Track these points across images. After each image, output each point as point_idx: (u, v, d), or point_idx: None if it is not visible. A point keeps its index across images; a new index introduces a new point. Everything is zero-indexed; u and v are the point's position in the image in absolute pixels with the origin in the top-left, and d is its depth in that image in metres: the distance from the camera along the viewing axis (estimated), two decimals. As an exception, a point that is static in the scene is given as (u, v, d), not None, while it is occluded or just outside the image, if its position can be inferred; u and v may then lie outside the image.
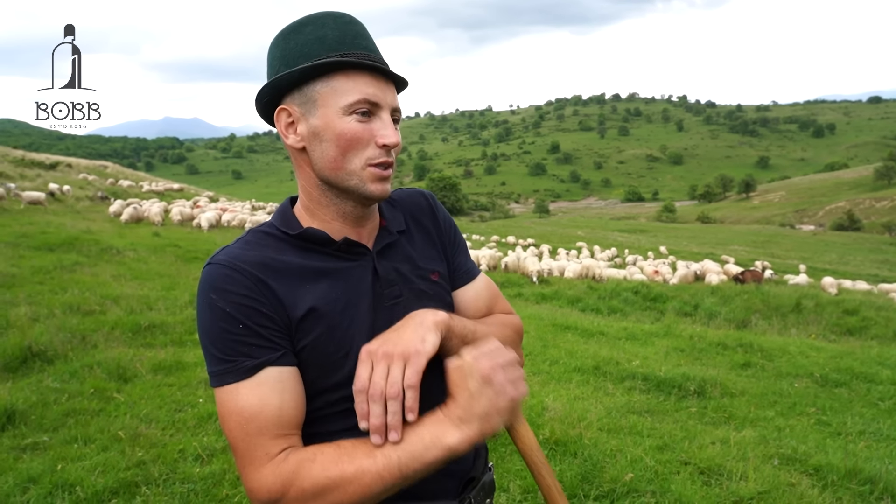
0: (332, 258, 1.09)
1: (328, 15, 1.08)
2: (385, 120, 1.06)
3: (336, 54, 1.04)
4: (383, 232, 1.18)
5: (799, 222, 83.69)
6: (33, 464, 3.36)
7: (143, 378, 4.82)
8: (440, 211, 1.31)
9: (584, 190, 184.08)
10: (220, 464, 3.44)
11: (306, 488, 0.92)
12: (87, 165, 46.72)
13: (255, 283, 1.00)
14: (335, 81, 1.04)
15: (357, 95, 1.03)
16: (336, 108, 1.04)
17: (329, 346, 1.03)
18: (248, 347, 0.98)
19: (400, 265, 1.16)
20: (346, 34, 1.06)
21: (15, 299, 6.83)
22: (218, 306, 0.98)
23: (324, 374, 1.03)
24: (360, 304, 1.07)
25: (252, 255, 1.04)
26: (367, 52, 1.06)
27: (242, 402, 0.96)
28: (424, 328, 0.99)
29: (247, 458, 0.96)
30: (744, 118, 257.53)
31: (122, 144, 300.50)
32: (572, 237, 43.64)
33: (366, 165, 1.06)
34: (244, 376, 0.97)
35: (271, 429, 0.96)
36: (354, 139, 1.04)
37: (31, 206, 18.05)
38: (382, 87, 1.06)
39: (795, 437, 4.30)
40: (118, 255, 11.18)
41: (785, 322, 11.53)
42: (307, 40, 1.05)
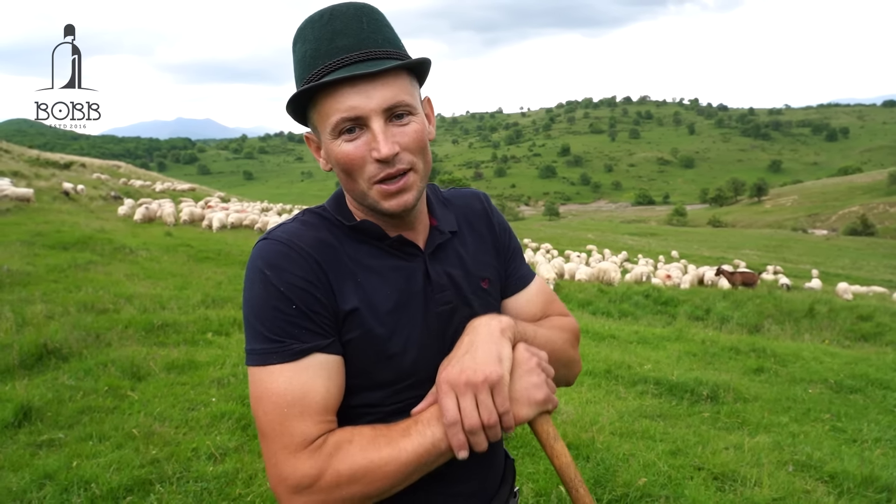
0: (384, 254, 1.06)
1: (308, 22, 1.00)
2: (375, 130, 0.96)
3: (311, 74, 0.97)
4: (434, 232, 1.13)
5: (811, 227, 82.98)
6: (49, 460, 3.39)
7: (157, 376, 4.85)
8: (495, 214, 1.25)
9: (595, 193, 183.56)
10: (233, 463, 3.46)
11: (342, 472, 0.90)
12: (100, 165, 47.22)
13: (312, 266, 0.97)
14: (319, 105, 0.98)
15: (335, 116, 0.96)
16: (326, 134, 0.99)
17: (374, 346, 1.00)
18: (298, 330, 0.94)
19: (451, 269, 1.11)
20: (321, 41, 0.97)
21: (31, 297, 6.89)
22: (272, 283, 0.95)
23: (365, 374, 1.01)
24: (409, 307, 1.04)
25: (311, 237, 1.00)
26: (347, 52, 0.96)
27: (284, 385, 0.93)
28: (497, 344, 0.97)
29: (280, 442, 0.92)
30: (756, 121, 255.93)
31: (135, 145, 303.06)
32: (582, 240, 43.48)
33: (371, 185, 0.99)
34: (290, 359, 0.94)
35: (312, 415, 0.93)
36: (348, 162, 0.98)
37: (19, 202, 17.54)
38: (367, 91, 0.95)
39: (810, 444, 4.26)
40: (131, 255, 11.26)
41: (798, 327, 11.43)
42: (297, 62, 1.01)
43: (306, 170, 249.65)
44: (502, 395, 0.92)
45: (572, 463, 1.00)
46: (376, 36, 0.98)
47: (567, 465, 1.00)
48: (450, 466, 1.02)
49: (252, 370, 0.96)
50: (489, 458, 1.15)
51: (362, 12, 0.99)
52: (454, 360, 0.96)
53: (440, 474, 1.02)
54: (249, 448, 3.67)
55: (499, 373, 0.93)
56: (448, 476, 1.06)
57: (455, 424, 0.91)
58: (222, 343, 5.97)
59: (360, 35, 0.97)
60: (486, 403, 0.91)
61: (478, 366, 0.93)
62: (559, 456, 1.00)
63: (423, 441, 0.92)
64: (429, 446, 0.92)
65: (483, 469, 1.14)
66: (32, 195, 18.43)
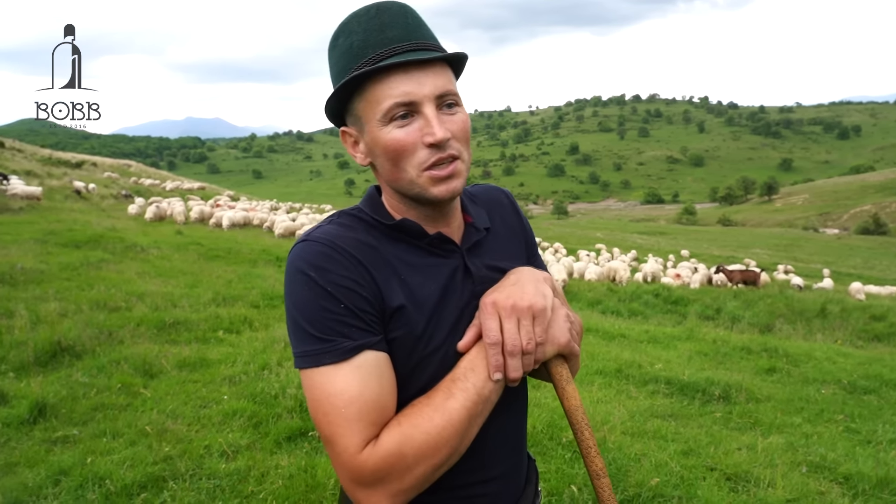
0: (423, 252, 1.06)
1: (354, 16, 1.02)
2: (428, 115, 0.98)
3: (362, 62, 0.98)
4: (470, 229, 1.14)
5: (823, 226, 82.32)
6: (64, 456, 3.42)
7: (169, 374, 4.88)
8: (519, 209, 1.28)
9: (604, 191, 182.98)
10: (245, 460, 3.47)
11: (408, 455, 0.92)
12: (111, 164, 47.57)
13: (356, 266, 0.98)
14: (368, 93, 0.99)
15: (388, 101, 0.97)
16: (375, 122, 1.00)
17: (418, 343, 1.00)
18: (347, 328, 0.95)
19: (490, 262, 1.13)
20: (370, 33, 0.99)
21: (44, 295, 6.95)
22: (318, 284, 0.95)
23: (408, 370, 1.01)
24: (449, 303, 1.04)
25: (350, 237, 1.01)
26: (398, 42, 0.98)
27: (341, 384, 0.93)
28: (542, 284, 1.04)
29: (343, 443, 0.92)
30: (767, 119, 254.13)
31: (146, 144, 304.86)
32: (591, 239, 43.38)
33: (420, 171, 1.00)
34: (343, 358, 0.94)
35: (371, 413, 0.93)
36: (400, 149, 0.99)
37: (30, 200, 17.61)
38: (418, 78, 0.98)
39: (824, 445, 4.23)
40: (142, 253, 11.34)
41: (810, 327, 11.34)
42: (340, 55, 1.02)
43: (315, 168, 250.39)
44: (542, 326, 0.98)
45: (581, 406, 1.04)
46: (421, 30, 1.02)
47: (576, 408, 1.03)
48: (483, 449, 1.04)
49: (305, 373, 0.96)
50: (514, 444, 1.15)
51: (406, 9, 1.03)
52: (501, 288, 1.02)
53: (474, 459, 1.04)
54: (261, 446, 3.68)
55: (543, 304, 0.99)
56: (483, 459, 1.07)
57: (496, 345, 0.96)
58: (233, 341, 5.99)
59: (407, 28, 1.00)
60: (527, 329, 0.97)
61: (525, 294, 0.99)
62: (569, 398, 1.04)
63: (468, 395, 0.95)
64: (474, 397, 0.96)
65: (514, 455, 1.15)
66: (41, 193, 18.57)
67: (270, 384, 4.57)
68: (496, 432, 1.08)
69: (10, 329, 5.55)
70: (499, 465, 1.10)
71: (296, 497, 3.13)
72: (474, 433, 0.98)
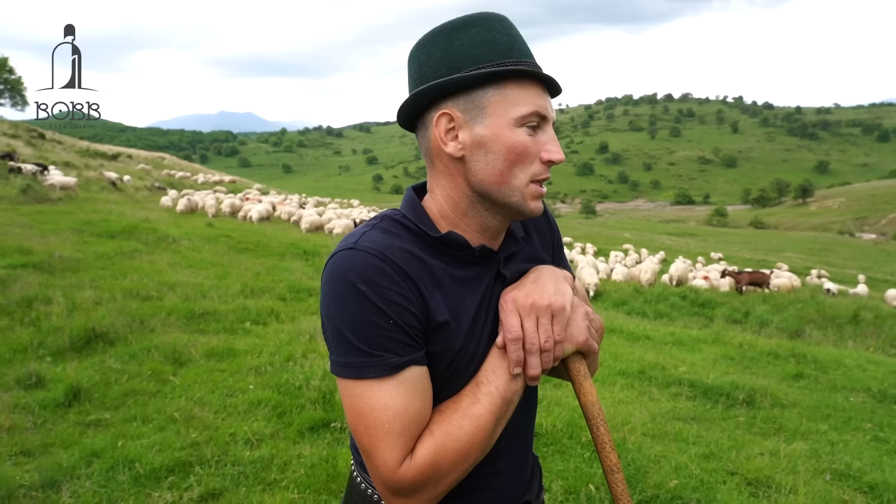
0: (463, 263, 1.06)
1: (493, 17, 1.03)
2: (550, 134, 1.03)
3: (510, 61, 0.99)
4: (510, 238, 1.15)
5: (859, 230, 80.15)
6: (96, 439, 3.55)
7: (197, 363, 5.00)
8: (548, 212, 1.28)
9: (633, 191, 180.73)
10: (269, 449, 3.56)
11: (442, 464, 0.95)
12: (146, 157, 48.57)
13: (405, 280, 0.97)
14: (508, 90, 1.00)
15: (530, 107, 1.00)
16: (507, 119, 1.00)
17: (456, 356, 1.02)
18: (395, 344, 0.95)
19: (522, 265, 1.14)
20: (514, 40, 1.02)
21: (80, 283, 7.17)
22: (369, 299, 0.94)
23: (444, 380, 1.02)
24: (484, 314, 1.06)
25: (399, 248, 1.00)
26: (529, 58, 1.02)
27: (386, 399, 0.94)
28: (561, 282, 1.06)
29: (383, 458, 0.94)
30: (803, 121, 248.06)
31: (179, 137, 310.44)
32: (619, 239, 42.93)
33: (530, 181, 1.02)
34: (389, 373, 0.95)
35: (412, 429, 0.95)
36: (524, 153, 1.00)
37: (67, 191, 18.09)
38: (545, 98, 1.03)
39: (850, 453, 4.16)
40: (174, 244, 11.58)
41: (841, 334, 11.10)
42: (475, 42, 1.00)
43: (343, 164, 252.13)
44: (561, 324, 1.01)
45: (598, 402, 1.06)
46: None
47: (592, 403, 1.05)
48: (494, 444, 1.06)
49: (346, 382, 0.97)
50: (522, 439, 1.18)
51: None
52: (521, 286, 1.05)
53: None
54: (285, 435, 3.76)
55: (562, 303, 1.01)
56: (492, 454, 1.08)
57: (517, 341, 0.99)
58: (260, 332, 6.11)
59: (529, 52, 1.05)
60: (546, 327, 1.00)
61: (544, 293, 1.02)
62: (586, 393, 1.06)
63: (493, 399, 0.99)
64: (499, 401, 0.99)
65: (520, 450, 1.17)
66: (75, 184, 19.10)
67: (295, 375, 4.66)
68: (506, 428, 1.09)
69: (48, 315, 5.74)
70: (506, 459, 1.13)
71: (317, 486, 3.20)
72: (499, 433, 1.01)
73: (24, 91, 35.02)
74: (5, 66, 38.07)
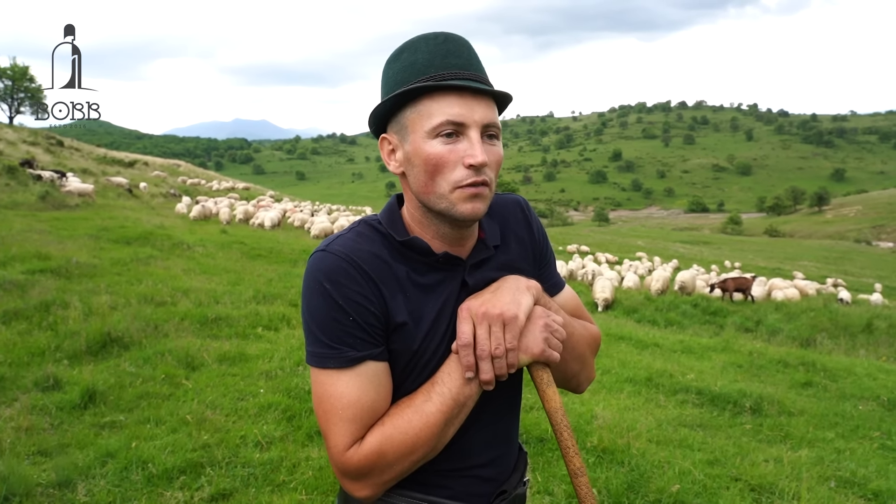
0: (429, 269, 1.14)
1: (423, 38, 1.10)
2: (473, 139, 1.05)
3: (422, 78, 1.06)
4: (480, 245, 1.20)
5: (876, 239, 79.14)
6: (111, 440, 3.65)
7: (209, 367, 5.10)
8: (534, 221, 1.32)
9: (646, 199, 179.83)
10: (279, 451, 3.63)
11: (388, 454, 1.04)
12: (161, 164, 49.16)
13: (367, 282, 1.07)
14: (422, 106, 1.06)
15: (440, 118, 1.04)
16: (422, 133, 1.06)
17: (414, 356, 1.11)
18: (353, 339, 1.05)
19: (491, 274, 1.18)
20: (435, 55, 1.07)
21: (97, 288, 7.31)
22: (331, 297, 1.05)
23: (403, 377, 1.12)
24: (446, 317, 1.13)
25: (366, 252, 1.09)
26: (458, 69, 1.07)
27: (342, 388, 1.05)
28: (520, 292, 1.09)
29: (334, 440, 1.05)
30: (819, 128, 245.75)
31: (195, 144, 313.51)
32: (632, 247, 42.74)
33: (453, 188, 1.06)
34: (346, 365, 1.05)
35: (363, 418, 1.05)
36: (440, 162, 1.05)
37: (84, 197, 18.42)
38: (470, 104, 1.05)
39: (855, 461, 4.17)
40: (188, 251, 11.75)
41: (854, 342, 11.01)
42: (401, 67, 1.09)
43: (357, 171, 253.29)
44: (512, 333, 1.04)
45: (561, 408, 1.11)
46: (479, 65, 1.11)
47: (555, 410, 1.11)
48: (466, 443, 1.14)
49: (313, 370, 1.09)
50: (503, 437, 1.24)
51: (469, 44, 1.12)
52: (479, 295, 1.10)
53: (458, 450, 1.14)
54: (294, 438, 3.84)
55: (514, 312, 1.05)
56: (465, 451, 1.16)
57: (467, 347, 1.04)
58: (271, 338, 6.20)
59: (470, 60, 1.09)
60: (497, 335, 1.04)
61: (497, 302, 1.06)
62: (549, 400, 1.11)
63: (444, 399, 1.05)
64: (450, 401, 1.05)
65: (498, 448, 1.23)
66: (92, 190, 19.45)
67: (305, 380, 4.74)
68: (478, 431, 1.17)
69: (65, 319, 5.88)
70: (481, 456, 1.19)
71: (325, 487, 3.27)
72: (451, 432, 1.08)
73: (45, 99, 35.63)
74: (26, 75, 38.72)
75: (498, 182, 1.15)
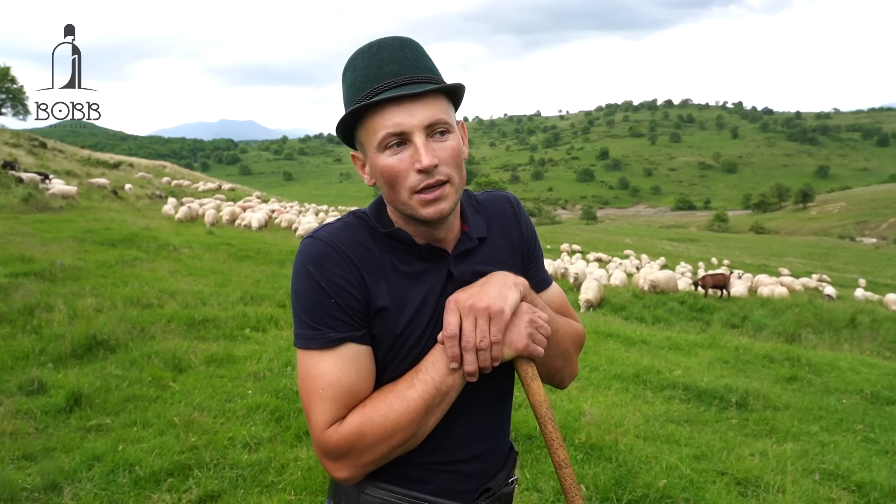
0: (413, 258, 1.17)
1: (360, 52, 1.12)
2: (417, 144, 1.07)
3: (359, 97, 1.09)
4: (464, 237, 1.23)
5: (860, 235, 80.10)
6: (97, 443, 3.62)
7: (197, 369, 5.07)
8: (524, 219, 1.34)
9: (633, 197, 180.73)
10: (267, 452, 3.63)
11: (367, 435, 1.06)
12: (147, 165, 48.77)
13: (349, 267, 1.10)
14: (367, 123, 1.09)
15: (382, 132, 1.07)
16: (373, 149, 1.10)
17: (397, 340, 1.13)
18: (334, 321, 1.09)
19: (477, 267, 1.21)
20: (370, 68, 1.09)
21: (81, 291, 7.24)
22: (315, 279, 1.09)
23: (387, 362, 1.14)
24: (430, 306, 1.15)
25: (350, 239, 1.14)
26: (393, 77, 1.07)
27: (323, 368, 1.08)
28: (507, 287, 1.11)
29: (314, 419, 1.08)
30: (803, 126, 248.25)
31: (180, 145, 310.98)
32: (620, 245, 42.95)
33: (411, 194, 1.09)
34: (327, 346, 1.09)
35: (343, 398, 1.08)
36: (393, 173, 1.09)
37: (68, 199, 18.26)
38: (410, 109, 1.06)
39: (839, 453, 4.22)
40: (175, 252, 11.67)
41: (838, 337, 11.16)
42: (348, 87, 1.12)
43: (345, 171, 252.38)
44: (497, 327, 1.06)
45: (545, 401, 1.13)
46: (418, 64, 1.11)
47: (540, 403, 1.13)
48: (452, 435, 1.16)
49: (298, 351, 1.12)
50: (489, 433, 1.24)
51: (406, 44, 1.12)
52: (467, 288, 1.12)
53: (442, 442, 1.15)
54: (282, 439, 3.83)
55: (500, 306, 1.07)
56: (451, 443, 1.18)
57: (453, 338, 1.06)
58: (259, 339, 6.18)
59: (405, 63, 1.10)
60: (482, 328, 1.06)
61: (485, 296, 1.08)
62: (534, 394, 1.13)
63: (427, 387, 1.08)
64: (432, 389, 1.08)
65: (485, 442, 1.23)
66: (76, 192, 19.26)
67: (293, 380, 4.73)
68: (462, 425, 1.19)
69: (50, 323, 5.82)
70: (465, 451, 1.20)
71: (314, 488, 3.27)
72: (433, 421, 1.10)
73: (26, 100, 35.21)
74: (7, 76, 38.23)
75: (486, 181, 1.16)
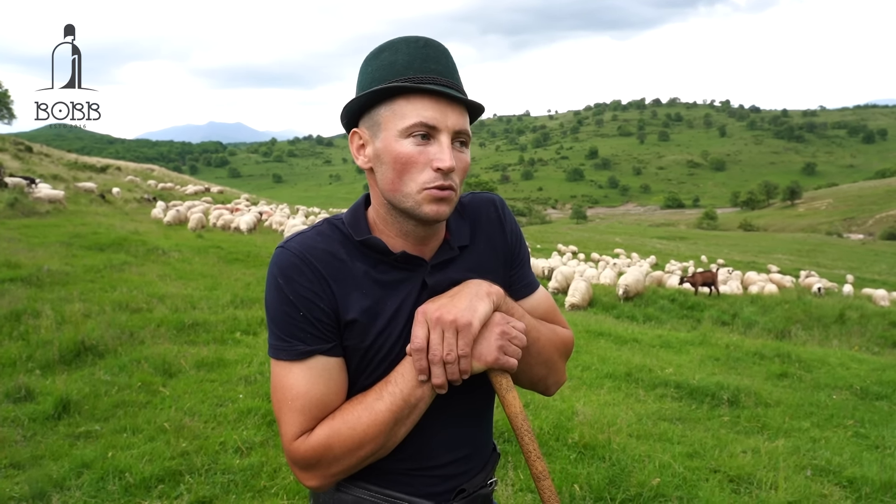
0: (390, 267, 1.14)
1: (404, 40, 1.11)
2: (443, 143, 1.06)
3: (400, 79, 1.07)
4: (445, 246, 1.20)
5: (847, 231, 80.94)
6: (86, 450, 3.57)
7: (187, 373, 5.03)
8: (508, 222, 1.30)
9: (623, 196, 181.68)
10: (259, 457, 3.60)
11: (335, 447, 1.05)
12: (135, 168, 48.43)
13: (318, 280, 1.09)
14: (396, 105, 1.07)
15: (414, 119, 1.05)
16: (395, 132, 1.07)
17: (367, 352, 1.12)
18: (303, 334, 1.08)
19: (455, 275, 1.18)
20: (415, 58, 1.08)
21: (69, 296, 7.17)
22: (283, 292, 1.09)
23: (359, 373, 1.13)
24: (403, 316, 1.13)
25: (322, 249, 1.11)
26: (437, 75, 1.08)
27: (293, 380, 1.08)
28: (478, 298, 1.08)
29: (284, 428, 1.08)
30: (790, 123, 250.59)
31: (169, 148, 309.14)
32: (610, 244, 43.12)
33: (421, 189, 1.07)
34: (296, 358, 1.08)
35: (312, 410, 1.07)
36: (410, 162, 1.07)
37: (55, 204, 18.05)
38: (444, 110, 1.07)
39: (830, 449, 4.25)
40: (164, 256, 11.58)
41: (827, 333, 11.24)
42: (381, 66, 1.10)
43: (334, 173, 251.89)
44: (465, 340, 1.04)
45: (522, 413, 1.11)
46: (456, 74, 1.13)
47: (516, 415, 1.11)
48: (426, 444, 1.15)
49: (271, 361, 1.12)
50: (465, 440, 1.23)
51: (449, 53, 1.14)
52: (436, 299, 1.10)
53: (415, 451, 1.15)
54: (274, 443, 3.80)
55: (468, 319, 1.04)
56: (425, 452, 1.17)
57: (420, 351, 1.05)
58: (250, 342, 6.14)
59: (448, 68, 1.11)
60: (449, 341, 1.04)
61: (453, 308, 1.05)
62: (510, 405, 1.12)
63: (395, 399, 1.06)
64: (400, 402, 1.06)
65: (459, 447, 1.22)
66: (63, 196, 19.06)
67: (284, 384, 4.69)
68: (437, 433, 1.17)
69: (37, 328, 5.75)
70: (440, 458, 1.19)
71: (306, 492, 3.24)
72: (402, 431, 1.09)
73: (11, 104, 34.85)
74: (-9, 80, 37.81)
75: (476, 181, 1.15)
